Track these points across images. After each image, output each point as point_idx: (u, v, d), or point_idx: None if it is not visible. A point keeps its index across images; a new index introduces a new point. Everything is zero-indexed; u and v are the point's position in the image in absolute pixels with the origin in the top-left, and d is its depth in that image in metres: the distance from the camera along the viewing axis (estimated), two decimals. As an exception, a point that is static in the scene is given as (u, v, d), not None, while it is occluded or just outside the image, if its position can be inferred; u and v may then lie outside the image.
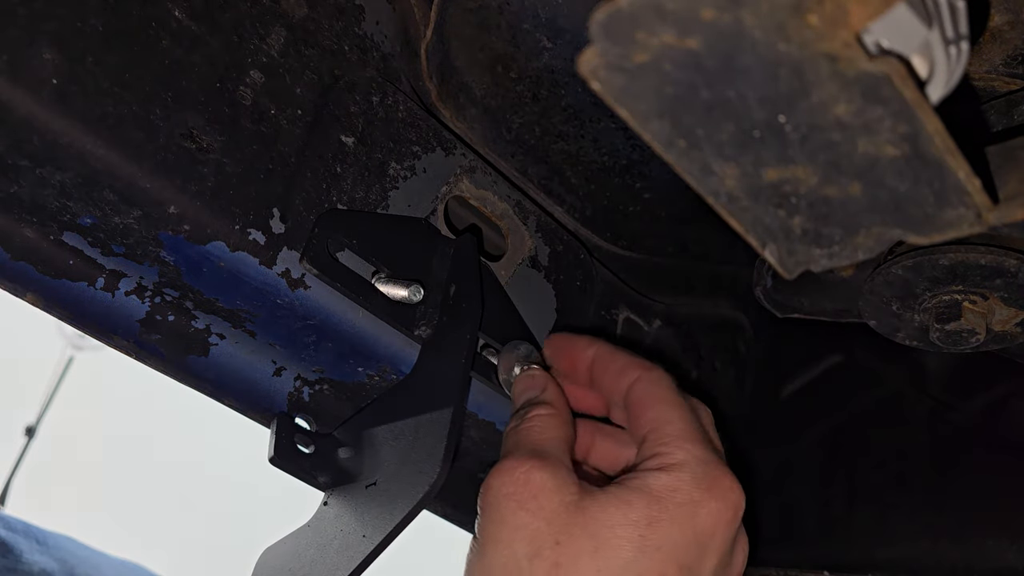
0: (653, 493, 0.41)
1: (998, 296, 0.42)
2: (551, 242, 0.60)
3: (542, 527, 0.40)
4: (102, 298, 0.45)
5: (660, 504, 0.41)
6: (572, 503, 0.41)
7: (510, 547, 0.40)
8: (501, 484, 0.42)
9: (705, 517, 0.41)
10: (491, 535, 0.42)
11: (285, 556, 0.49)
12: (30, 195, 0.41)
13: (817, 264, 0.30)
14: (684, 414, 0.45)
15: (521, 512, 0.41)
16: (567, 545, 0.40)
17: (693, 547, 0.41)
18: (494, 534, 0.41)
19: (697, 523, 0.41)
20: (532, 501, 0.41)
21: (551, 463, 0.43)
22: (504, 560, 0.40)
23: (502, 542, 0.41)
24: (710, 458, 0.43)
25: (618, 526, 0.40)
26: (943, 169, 0.25)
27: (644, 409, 0.46)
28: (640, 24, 0.23)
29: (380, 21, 0.53)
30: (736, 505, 0.43)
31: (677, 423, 0.45)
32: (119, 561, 0.90)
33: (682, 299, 0.71)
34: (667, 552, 0.40)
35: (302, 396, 0.52)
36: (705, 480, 0.42)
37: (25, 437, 3.14)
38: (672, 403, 0.46)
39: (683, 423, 0.45)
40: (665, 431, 0.44)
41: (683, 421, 0.45)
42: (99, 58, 0.40)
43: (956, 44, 0.28)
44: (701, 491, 0.42)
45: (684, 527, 0.41)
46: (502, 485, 0.42)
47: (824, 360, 0.67)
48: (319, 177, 0.48)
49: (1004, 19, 0.39)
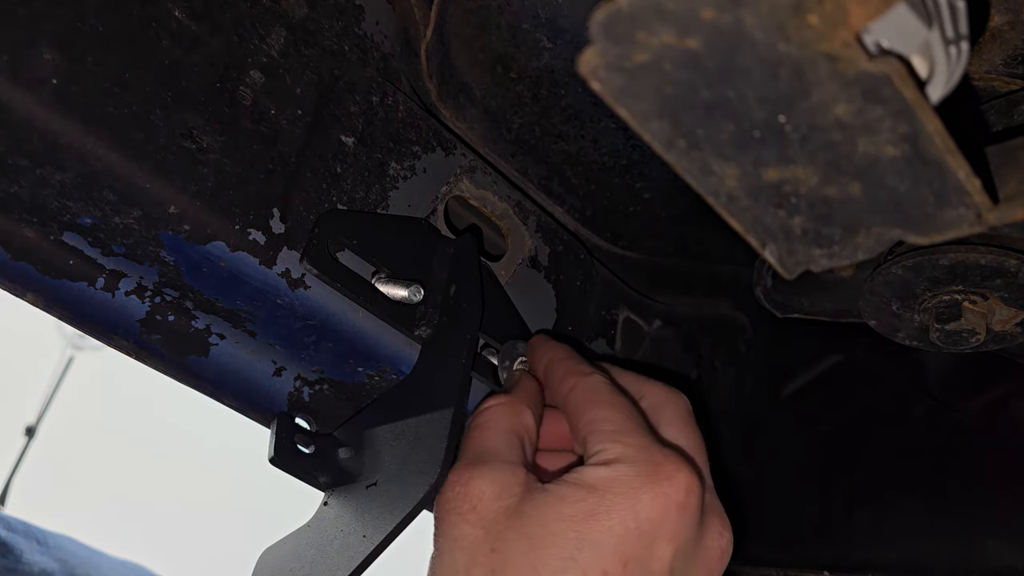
0: (589, 486, 0.40)
1: (998, 296, 0.42)
2: (551, 242, 0.60)
3: (479, 536, 0.40)
4: (102, 298, 0.45)
5: (597, 496, 0.40)
6: (511, 507, 0.41)
7: (451, 558, 0.41)
8: (444, 499, 0.42)
9: (647, 505, 0.39)
10: (437, 548, 0.42)
11: (285, 556, 0.49)
12: (30, 195, 0.41)
13: (817, 264, 0.30)
14: (621, 412, 0.44)
15: (461, 524, 0.41)
16: (501, 550, 0.39)
17: (637, 537, 0.39)
18: (439, 547, 0.42)
19: (639, 512, 0.39)
20: (471, 512, 0.41)
21: (492, 466, 0.42)
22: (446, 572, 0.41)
23: (445, 554, 0.41)
24: (650, 445, 0.42)
25: (552, 522, 0.39)
26: (943, 169, 0.25)
27: (580, 415, 0.45)
28: (640, 24, 0.23)
29: (380, 21, 0.53)
30: (686, 487, 0.40)
31: (613, 421, 0.43)
32: (119, 561, 0.90)
33: (682, 299, 0.71)
34: (608, 546, 0.38)
35: (302, 396, 0.52)
36: (646, 468, 0.40)
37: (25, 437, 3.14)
38: (607, 403, 0.45)
39: (620, 420, 0.43)
40: (601, 429, 0.43)
41: (619, 418, 0.43)
42: (99, 58, 0.40)
43: (956, 44, 0.28)
44: (641, 479, 0.40)
45: (624, 518, 0.39)
46: (445, 500, 0.42)
47: (824, 360, 0.67)
48: (319, 177, 0.48)
49: (1004, 19, 0.39)
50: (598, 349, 0.64)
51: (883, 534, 0.57)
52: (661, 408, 0.47)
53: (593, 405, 0.45)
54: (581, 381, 0.47)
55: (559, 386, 0.48)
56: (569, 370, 0.48)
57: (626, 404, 0.45)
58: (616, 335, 0.66)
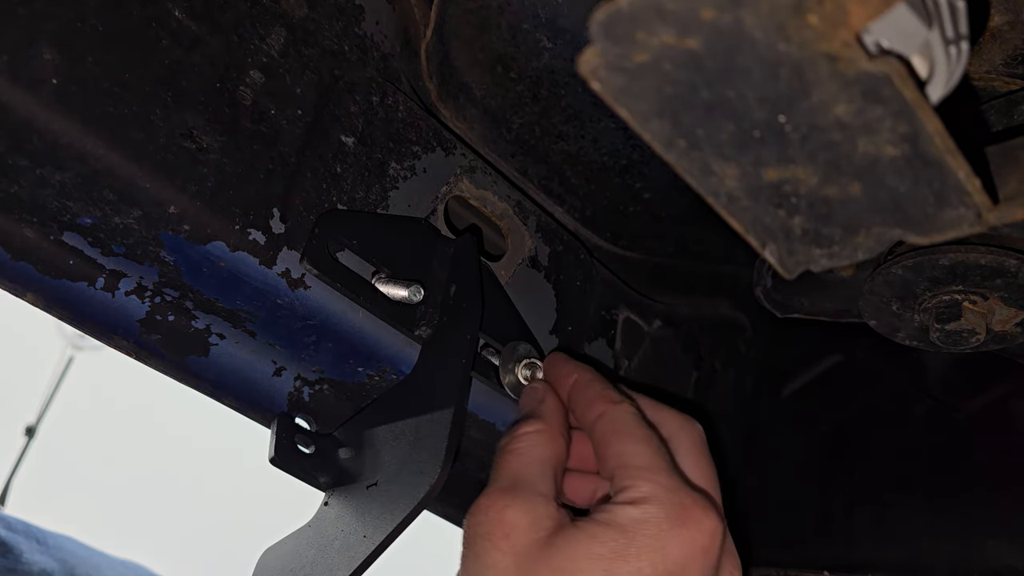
0: (620, 527, 0.41)
1: (998, 296, 0.42)
2: (551, 242, 0.60)
3: (509, 564, 0.41)
4: (102, 298, 0.45)
5: (627, 537, 0.40)
6: (542, 540, 0.41)
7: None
8: (477, 523, 0.43)
9: (676, 548, 0.40)
10: (465, 570, 0.43)
11: (285, 556, 0.49)
12: (30, 195, 0.40)
13: (817, 264, 0.30)
14: (649, 447, 0.45)
15: (494, 551, 0.41)
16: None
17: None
18: (468, 569, 0.42)
19: (668, 554, 0.40)
20: (504, 540, 0.41)
21: (526, 497, 0.43)
22: None
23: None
24: (679, 487, 0.43)
25: (582, 559, 0.40)
26: (943, 169, 0.25)
27: (608, 445, 0.45)
28: (640, 24, 0.23)
29: (380, 21, 0.53)
30: (711, 532, 0.42)
31: (643, 456, 0.44)
32: (119, 561, 0.90)
33: (682, 299, 0.71)
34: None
35: (302, 396, 0.52)
36: (675, 510, 0.41)
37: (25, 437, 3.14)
38: (636, 437, 0.45)
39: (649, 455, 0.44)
40: (631, 464, 0.44)
41: (649, 453, 0.44)
42: (99, 58, 0.40)
43: (956, 44, 0.28)
44: (670, 522, 0.41)
45: (653, 559, 0.40)
46: (478, 524, 0.43)
47: (824, 360, 0.67)
48: (319, 177, 0.48)
49: (1004, 19, 0.39)
50: (598, 349, 0.64)
51: (883, 534, 0.57)
52: (676, 437, 0.48)
53: (622, 438, 0.45)
54: (610, 410, 0.47)
55: (586, 411, 0.48)
56: (597, 396, 0.48)
57: (653, 439, 0.45)
58: (616, 335, 0.66)
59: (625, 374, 0.66)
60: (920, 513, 0.56)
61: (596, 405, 0.48)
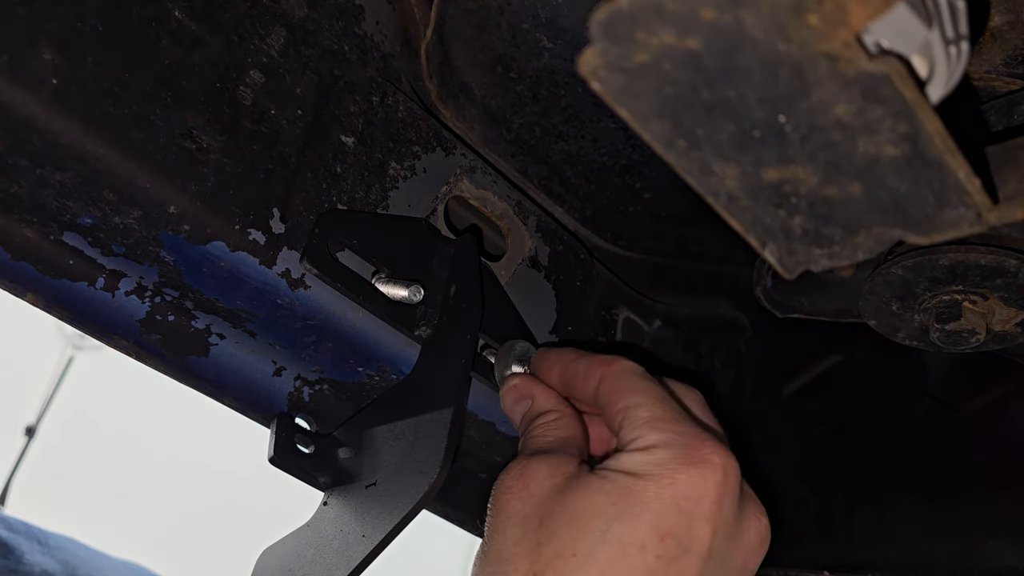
0: (629, 471, 0.41)
1: (998, 296, 0.42)
2: (551, 242, 0.60)
3: (529, 512, 0.42)
4: (102, 298, 0.45)
5: (635, 479, 0.40)
6: (561, 485, 0.42)
7: (503, 534, 0.42)
8: (500, 481, 0.44)
9: (685, 484, 0.40)
10: (490, 527, 0.43)
11: (285, 556, 0.49)
12: (30, 195, 0.40)
13: (817, 264, 0.30)
14: (654, 397, 0.44)
15: (515, 502, 0.42)
16: (548, 524, 0.40)
17: (675, 514, 0.39)
18: (492, 525, 0.43)
19: (678, 490, 0.40)
20: (524, 490, 0.42)
21: (549, 456, 0.44)
22: (498, 547, 0.42)
23: (497, 531, 0.42)
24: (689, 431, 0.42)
25: (594, 495, 0.40)
26: (943, 169, 0.25)
27: (613, 403, 0.45)
28: (640, 24, 0.23)
29: (380, 21, 0.53)
30: (723, 468, 0.41)
31: (648, 407, 0.44)
32: (120, 562, 0.90)
33: (682, 299, 0.71)
34: (645, 520, 0.39)
35: (302, 396, 0.52)
36: (683, 451, 0.41)
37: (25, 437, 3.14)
38: (639, 389, 0.45)
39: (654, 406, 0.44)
40: (637, 415, 0.43)
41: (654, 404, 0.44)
42: (99, 58, 0.40)
43: (956, 44, 0.28)
44: (678, 461, 0.40)
45: (662, 494, 0.40)
46: (501, 482, 0.44)
47: (824, 360, 0.67)
48: (319, 177, 0.48)
49: (1004, 19, 0.39)
50: (598, 349, 0.64)
51: (883, 534, 0.57)
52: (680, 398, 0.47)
53: (626, 392, 0.45)
54: (607, 371, 0.47)
55: (584, 382, 0.48)
56: (591, 363, 0.48)
57: (658, 389, 0.45)
58: (616, 335, 0.66)
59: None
60: (920, 513, 0.56)
61: (593, 372, 0.47)
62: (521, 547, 0.40)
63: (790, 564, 0.61)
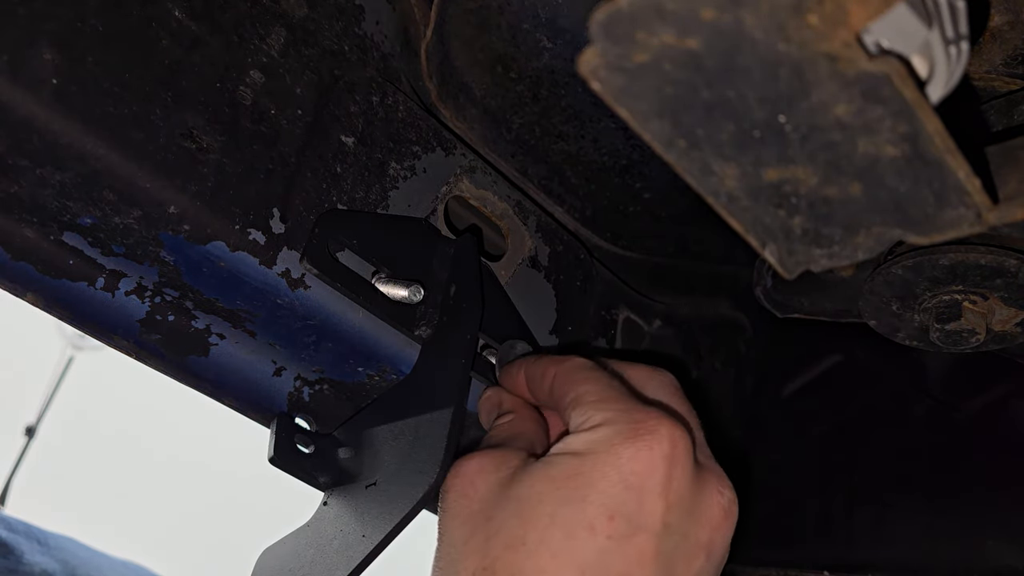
0: (573, 452, 0.40)
1: (998, 296, 0.42)
2: (551, 242, 0.60)
3: (475, 508, 0.41)
4: (102, 298, 0.45)
5: (580, 458, 0.39)
6: (506, 478, 0.41)
7: (451, 534, 0.41)
8: (447, 483, 0.43)
9: (630, 458, 0.39)
10: (439, 529, 0.43)
11: (284, 556, 0.49)
12: (30, 195, 0.40)
13: (817, 264, 0.30)
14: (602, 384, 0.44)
15: (459, 499, 0.42)
16: (495, 518, 0.40)
17: (623, 491, 0.38)
18: (440, 527, 0.43)
19: (622, 466, 0.38)
20: (468, 487, 0.42)
21: (493, 451, 0.43)
22: (447, 548, 0.41)
23: (446, 532, 0.42)
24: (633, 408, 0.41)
25: (539, 482, 0.39)
26: (943, 169, 0.25)
27: (564, 396, 0.45)
28: (640, 24, 0.23)
29: (380, 21, 0.53)
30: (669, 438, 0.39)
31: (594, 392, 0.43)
32: (120, 562, 0.90)
33: (682, 299, 0.71)
34: (592, 501, 0.38)
35: (302, 396, 0.52)
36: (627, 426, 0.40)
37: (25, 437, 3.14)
38: (587, 379, 0.44)
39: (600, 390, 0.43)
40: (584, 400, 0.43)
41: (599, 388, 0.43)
42: (99, 58, 0.40)
43: (956, 44, 0.28)
44: (622, 437, 0.39)
45: (608, 474, 0.38)
46: (446, 483, 0.43)
47: (824, 360, 0.67)
48: (319, 177, 0.48)
49: (1004, 19, 0.39)
50: (598, 349, 0.64)
51: (883, 534, 0.57)
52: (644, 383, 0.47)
53: (574, 383, 0.45)
54: (560, 367, 0.46)
55: (541, 382, 0.47)
56: (546, 363, 0.48)
57: (606, 376, 0.45)
58: (616, 335, 0.66)
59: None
60: (920, 513, 0.56)
61: (548, 371, 0.47)
62: (470, 544, 0.40)
63: (790, 564, 0.61)
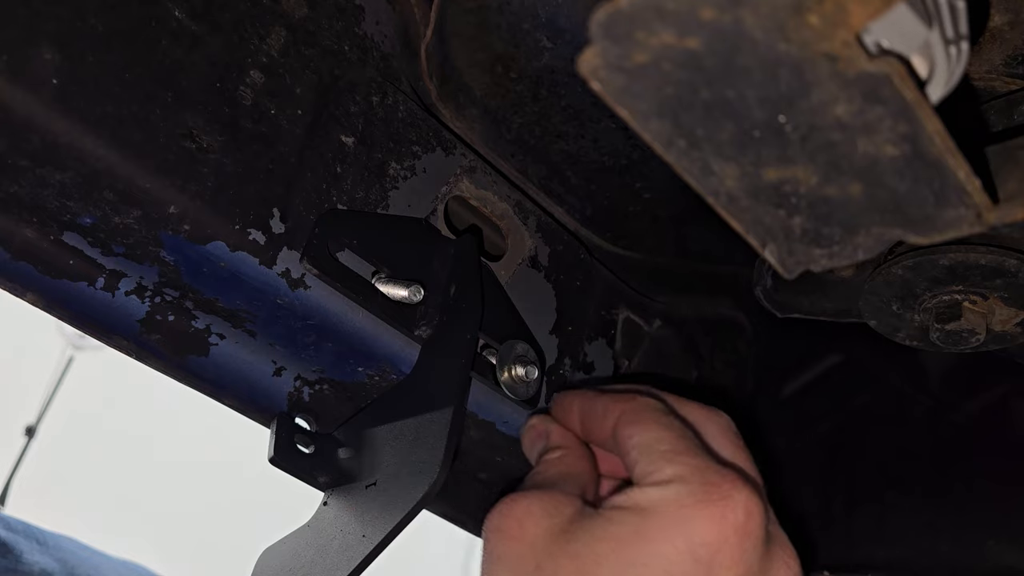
0: (639, 508, 0.37)
1: (998, 296, 0.42)
2: (551, 242, 0.60)
3: (525, 553, 0.39)
4: (102, 298, 0.45)
5: (646, 518, 0.37)
6: (557, 527, 0.39)
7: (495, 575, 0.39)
8: (490, 519, 0.41)
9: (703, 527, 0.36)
10: (483, 570, 0.41)
11: (284, 556, 0.49)
12: (30, 195, 0.40)
13: (817, 264, 0.30)
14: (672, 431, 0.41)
15: (506, 541, 0.40)
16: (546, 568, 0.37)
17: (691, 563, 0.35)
18: (484, 568, 0.41)
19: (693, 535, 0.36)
20: (516, 529, 0.39)
21: (544, 493, 0.41)
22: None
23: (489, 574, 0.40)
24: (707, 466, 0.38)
25: (599, 541, 0.37)
26: (943, 169, 0.25)
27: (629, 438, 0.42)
28: (640, 24, 0.23)
29: (380, 21, 0.53)
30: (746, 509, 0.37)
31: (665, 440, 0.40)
32: (119, 561, 0.90)
33: (682, 299, 0.71)
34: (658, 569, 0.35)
35: (302, 396, 0.52)
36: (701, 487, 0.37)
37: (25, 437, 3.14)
38: (659, 423, 0.42)
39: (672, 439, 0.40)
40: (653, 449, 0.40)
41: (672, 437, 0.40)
42: (99, 58, 0.40)
43: (956, 44, 0.28)
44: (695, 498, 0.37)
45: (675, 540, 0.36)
46: (490, 520, 0.41)
47: (824, 360, 0.67)
48: (319, 177, 0.48)
49: (1004, 19, 0.39)
50: (598, 349, 0.64)
51: (883, 534, 0.57)
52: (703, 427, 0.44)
53: (643, 426, 0.42)
54: (629, 406, 0.44)
55: (603, 420, 0.44)
56: (610, 401, 0.45)
57: (677, 423, 0.42)
58: (616, 335, 0.66)
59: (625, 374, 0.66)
60: (920, 513, 0.56)
61: (611, 411, 0.44)
62: None
63: (790, 564, 0.61)
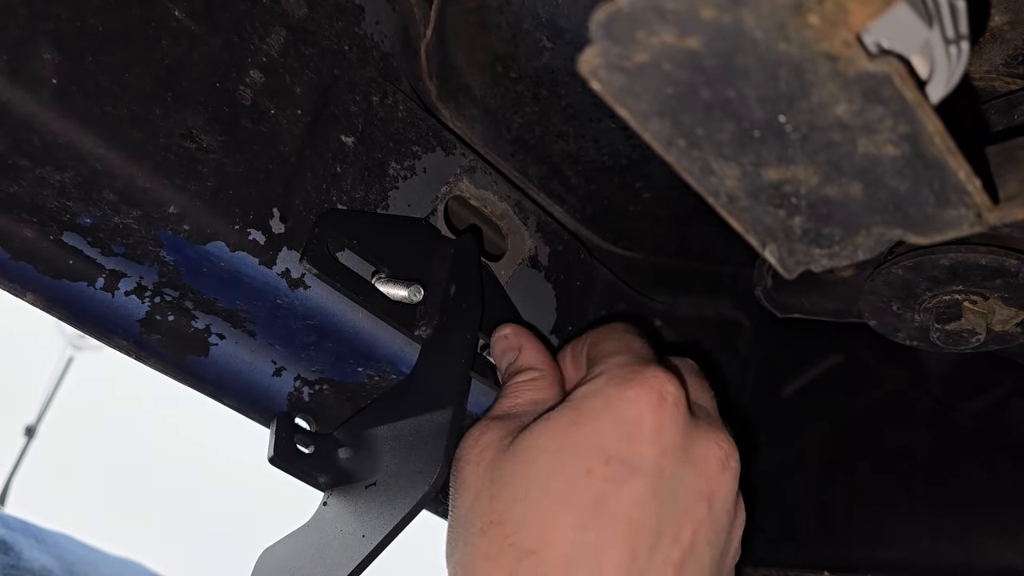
0: (573, 402, 0.41)
1: (998, 296, 0.42)
2: (551, 242, 0.60)
3: (481, 473, 0.42)
4: (102, 298, 0.45)
5: (577, 409, 0.41)
6: (509, 443, 0.42)
7: (461, 500, 0.42)
8: (458, 451, 0.44)
9: (624, 405, 0.40)
10: (451, 498, 0.44)
11: (284, 556, 0.49)
12: (30, 195, 0.40)
13: (817, 264, 0.30)
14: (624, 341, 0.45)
15: (469, 467, 0.43)
16: (499, 479, 0.41)
17: (615, 436, 0.39)
18: (452, 496, 0.43)
19: (616, 413, 0.40)
20: (479, 454, 0.43)
21: (507, 421, 0.44)
22: (457, 515, 0.42)
23: (456, 499, 0.43)
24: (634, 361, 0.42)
25: (539, 437, 0.41)
26: (943, 169, 0.25)
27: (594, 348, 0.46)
28: (640, 24, 0.23)
29: (380, 21, 0.53)
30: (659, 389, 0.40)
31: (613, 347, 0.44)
32: (118, 559, 0.90)
33: (682, 299, 0.71)
34: (589, 447, 0.39)
35: (302, 396, 0.52)
36: (623, 375, 0.41)
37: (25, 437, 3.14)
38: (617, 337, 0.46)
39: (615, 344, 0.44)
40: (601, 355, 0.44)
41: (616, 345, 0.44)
42: (99, 58, 0.40)
43: (956, 44, 0.28)
44: (615, 385, 0.41)
45: (602, 420, 0.40)
46: (458, 450, 0.44)
47: (824, 360, 0.67)
48: (319, 177, 0.48)
49: (1004, 19, 0.39)
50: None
51: (883, 534, 0.57)
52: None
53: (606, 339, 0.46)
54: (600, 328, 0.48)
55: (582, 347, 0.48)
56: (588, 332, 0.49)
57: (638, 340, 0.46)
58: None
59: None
60: (920, 513, 0.56)
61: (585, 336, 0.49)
62: (478, 505, 0.41)
63: (790, 564, 0.61)
